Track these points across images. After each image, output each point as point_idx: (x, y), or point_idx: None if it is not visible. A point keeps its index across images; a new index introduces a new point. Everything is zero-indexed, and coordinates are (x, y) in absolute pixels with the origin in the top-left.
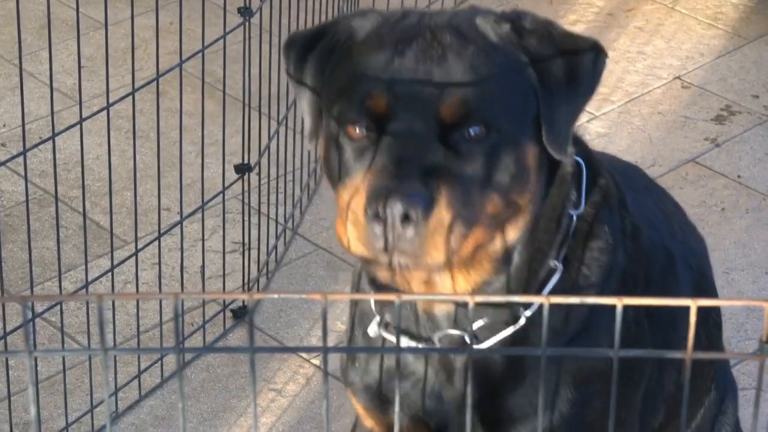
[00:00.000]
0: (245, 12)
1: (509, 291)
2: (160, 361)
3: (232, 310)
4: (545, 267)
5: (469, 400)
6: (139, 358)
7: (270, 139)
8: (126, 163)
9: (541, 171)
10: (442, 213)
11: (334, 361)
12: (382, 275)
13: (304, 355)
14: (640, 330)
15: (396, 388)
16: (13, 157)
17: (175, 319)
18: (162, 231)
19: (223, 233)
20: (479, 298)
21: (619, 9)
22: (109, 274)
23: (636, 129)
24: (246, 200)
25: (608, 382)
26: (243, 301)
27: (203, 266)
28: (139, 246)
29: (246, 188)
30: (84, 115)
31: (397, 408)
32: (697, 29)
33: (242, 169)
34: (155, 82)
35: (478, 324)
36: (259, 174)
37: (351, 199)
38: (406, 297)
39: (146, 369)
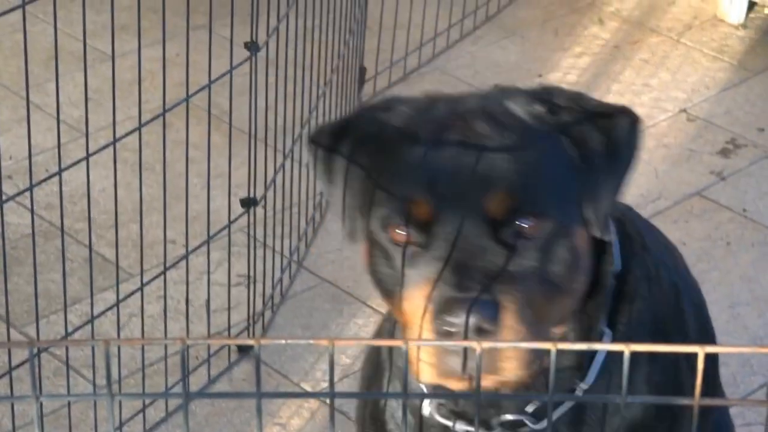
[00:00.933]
0: (252, 47)
1: (564, 364)
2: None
3: (237, 344)
4: (596, 334)
5: None
6: (143, 391)
7: (276, 171)
8: (132, 196)
9: (591, 250)
10: (512, 319)
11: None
12: (454, 385)
13: (309, 389)
14: (680, 371)
15: None
16: (21, 193)
17: (182, 365)
18: (168, 265)
19: (229, 266)
20: (562, 345)
21: (624, 41)
22: (115, 308)
23: (641, 162)
24: (251, 233)
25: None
26: (248, 333)
27: (208, 300)
28: (145, 280)
29: (252, 221)
30: (90, 148)
31: None
32: (703, 62)
33: (248, 203)
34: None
35: (534, 405)
36: (264, 207)
37: (412, 314)
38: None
39: (151, 403)
